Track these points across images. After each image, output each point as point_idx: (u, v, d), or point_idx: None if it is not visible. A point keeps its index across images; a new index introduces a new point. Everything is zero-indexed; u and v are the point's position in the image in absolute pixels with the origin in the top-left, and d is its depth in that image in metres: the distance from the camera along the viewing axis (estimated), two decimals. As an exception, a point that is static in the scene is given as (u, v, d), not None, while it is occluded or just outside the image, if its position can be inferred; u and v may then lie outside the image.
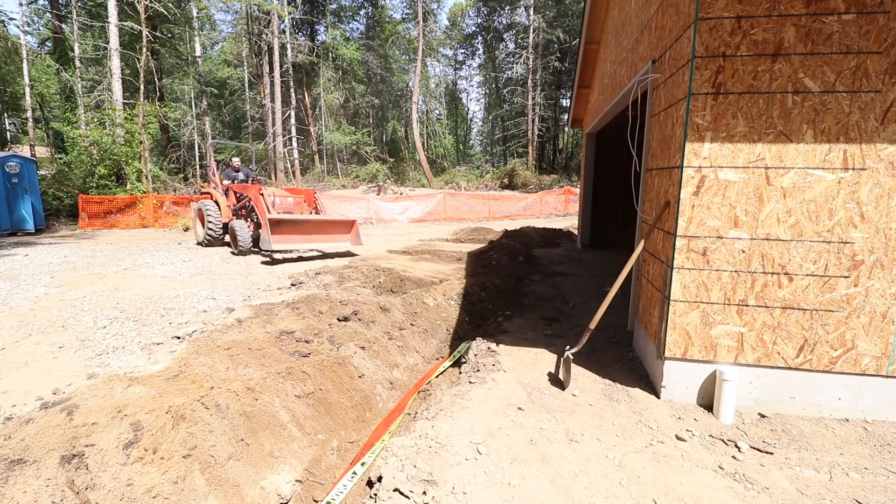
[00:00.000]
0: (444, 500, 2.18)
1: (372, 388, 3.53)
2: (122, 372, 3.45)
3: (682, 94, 3.02)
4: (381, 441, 2.89)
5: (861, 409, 2.97)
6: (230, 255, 9.11)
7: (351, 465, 2.73)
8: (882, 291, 2.82)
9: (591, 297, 5.61)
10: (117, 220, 14.84)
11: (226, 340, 3.89)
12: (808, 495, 2.28)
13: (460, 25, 39.88)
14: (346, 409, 3.24)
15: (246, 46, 28.75)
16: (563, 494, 2.24)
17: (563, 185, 25.53)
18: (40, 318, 4.69)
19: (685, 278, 3.02)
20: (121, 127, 16.16)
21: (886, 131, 2.70)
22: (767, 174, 2.84)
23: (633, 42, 4.80)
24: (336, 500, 2.39)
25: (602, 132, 9.18)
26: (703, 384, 3.12)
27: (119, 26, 16.79)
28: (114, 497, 2.12)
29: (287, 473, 2.61)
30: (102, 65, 19.56)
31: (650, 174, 3.81)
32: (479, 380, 3.42)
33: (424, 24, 30.83)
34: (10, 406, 2.95)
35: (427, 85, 35.33)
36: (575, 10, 30.66)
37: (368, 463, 2.67)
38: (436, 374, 3.85)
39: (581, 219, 9.79)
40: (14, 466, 2.15)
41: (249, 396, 2.96)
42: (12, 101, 24.53)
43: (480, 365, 3.68)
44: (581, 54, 8.13)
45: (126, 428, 2.48)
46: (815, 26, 2.69)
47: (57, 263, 7.70)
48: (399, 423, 3.14)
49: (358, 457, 2.79)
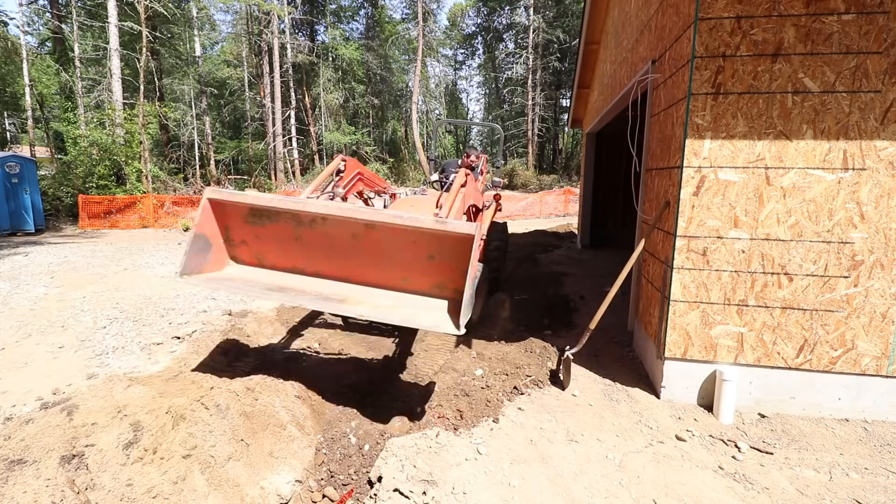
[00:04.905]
0: (443, 500, 2.18)
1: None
2: (122, 372, 3.45)
3: (681, 94, 3.02)
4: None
5: (861, 409, 2.97)
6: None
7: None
8: (882, 291, 2.82)
9: (592, 297, 5.60)
10: (117, 220, 14.84)
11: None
12: (808, 495, 2.28)
13: (460, 25, 39.88)
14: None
15: (246, 46, 28.74)
16: (563, 494, 2.24)
17: (562, 185, 25.54)
18: (40, 319, 4.68)
19: (685, 278, 3.02)
20: (121, 127, 16.15)
21: (886, 131, 2.70)
22: (767, 174, 2.84)
23: (633, 42, 4.81)
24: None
25: (602, 132, 9.18)
26: (703, 384, 3.12)
27: (119, 26, 16.78)
28: (114, 497, 2.12)
29: (287, 473, 2.61)
30: (102, 65, 19.55)
31: (650, 174, 3.81)
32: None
33: (424, 24, 30.84)
34: (10, 406, 2.95)
35: (427, 85, 35.34)
36: (575, 10, 30.65)
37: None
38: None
39: (581, 219, 9.79)
40: (14, 466, 2.15)
41: (249, 396, 2.96)
42: (12, 101, 24.51)
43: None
44: (581, 54, 8.14)
45: (126, 428, 2.48)
46: (815, 26, 2.69)
47: (57, 263, 7.70)
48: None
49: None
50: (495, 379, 3.43)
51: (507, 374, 3.51)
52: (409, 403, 3.23)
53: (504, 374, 3.51)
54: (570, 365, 3.34)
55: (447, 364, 3.78)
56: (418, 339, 4.44)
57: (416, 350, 4.17)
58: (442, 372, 3.64)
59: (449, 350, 4.13)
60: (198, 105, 27.88)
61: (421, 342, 4.35)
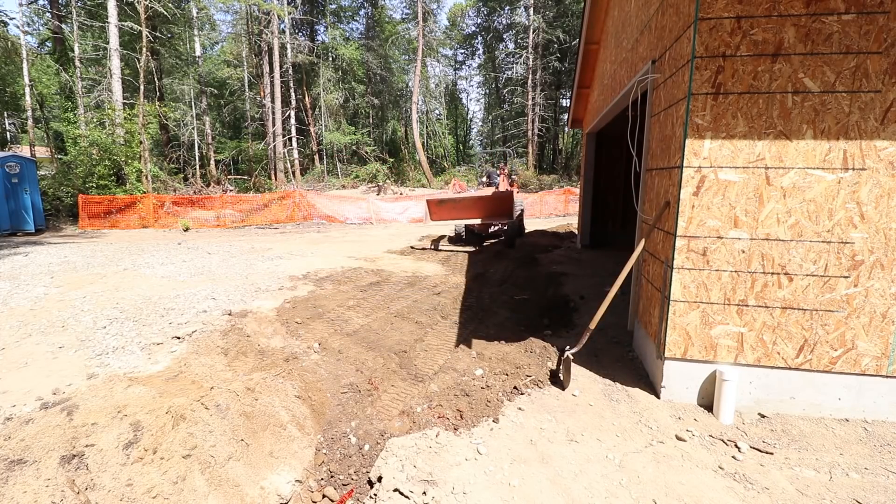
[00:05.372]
0: (443, 500, 2.18)
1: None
2: (122, 372, 3.45)
3: (682, 94, 3.02)
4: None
5: (861, 409, 2.97)
6: (230, 255, 9.11)
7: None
8: (882, 291, 2.82)
9: (592, 297, 5.61)
10: (117, 220, 14.84)
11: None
12: (808, 495, 2.28)
13: (460, 25, 39.89)
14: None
15: (246, 46, 28.74)
16: (563, 494, 2.25)
17: (562, 185, 25.54)
18: (40, 318, 4.69)
19: (685, 278, 3.02)
20: (121, 127, 16.15)
21: (886, 131, 2.70)
22: (767, 174, 2.84)
23: (633, 42, 4.81)
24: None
25: (602, 132, 9.18)
26: (703, 384, 3.12)
27: (119, 26, 16.79)
28: (114, 497, 2.12)
29: (287, 473, 2.61)
30: (102, 65, 19.55)
31: (650, 174, 3.81)
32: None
33: (424, 24, 30.84)
34: (10, 406, 2.95)
35: (427, 85, 35.33)
36: (575, 10, 30.66)
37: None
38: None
39: (581, 219, 9.79)
40: (14, 466, 2.15)
41: (249, 396, 2.96)
42: (12, 101, 24.51)
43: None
44: (581, 54, 8.13)
45: (126, 428, 2.48)
46: (815, 26, 2.69)
47: (57, 263, 7.69)
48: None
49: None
50: (495, 379, 3.43)
51: (507, 374, 3.51)
52: (408, 403, 3.23)
53: (504, 374, 3.51)
54: (570, 365, 3.34)
55: (447, 364, 3.78)
56: (418, 339, 4.44)
57: (417, 350, 4.17)
58: (442, 372, 3.64)
59: (449, 350, 4.13)
60: (198, 105, 27.89)
61: (421, 342, 4.36)
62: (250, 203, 17.25)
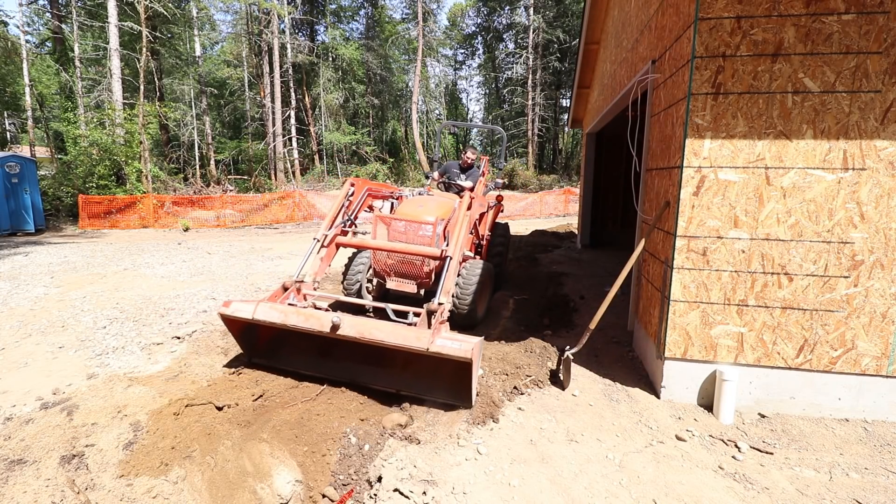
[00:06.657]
0: (443, 499, 2.18)
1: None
2: (122, 372, 3.45)
3: (682, 94, 3.03)
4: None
5: (861, 409, 2.97)
6: (230, 255, 9.11)
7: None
8: (882, 291, 2.82)
9: (592, 297, 5.61)
10: (117, 220, 14.84)
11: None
12: (808, 495, 2.28)
13: (460, 25, 39.88)
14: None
15: (246, 46, 28.72)
16: (563, 494, 2.25)
17: (562, 185, 25.56)
18: (40, 318, 4.68)
19: (685, 278, 3.02)
20: (121, 127, 16.14)
21: (886, 131, 2.70)
22: (767, 174, 2.84)
23: (633, 42, 4.81)
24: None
25: (602, 132, 9.18)
26: (703, 384, 3.12)
27: (119, 26, 16.78)
28: (114, 497, 2.12)
29: (287, 473, 2.61)
30: (102, 65, 19.55)
31: (650, 174, 3.81)
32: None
33: (424, 24, 30.84)
34: (10, 406, 2.95)
35: (427, 85, 35.34)
36: (575, 10, 30.66)
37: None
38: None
39: (581, 219, 9.79)
40: (14, 466, 2.15)
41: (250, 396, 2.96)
42: (12, 101, 24.51)
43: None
44: (581, 54, 8.14)
45: (126, 428, 2.49)
46: (815, 26, 2.69)
47: (57, 263, 7.69)
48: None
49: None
50: (495, 379, 3.43)
51: (507, 374, 3.51)
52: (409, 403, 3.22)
53: (504, 374, 3.51)
54: (570, 365, 3.34)
55: (447, 364, 3.77)
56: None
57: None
58: (442, 372, 3.63)
59: (449, 350, 4.12)
60: (198, 105, 27.87)
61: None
62: (250, 203, 17.25)
